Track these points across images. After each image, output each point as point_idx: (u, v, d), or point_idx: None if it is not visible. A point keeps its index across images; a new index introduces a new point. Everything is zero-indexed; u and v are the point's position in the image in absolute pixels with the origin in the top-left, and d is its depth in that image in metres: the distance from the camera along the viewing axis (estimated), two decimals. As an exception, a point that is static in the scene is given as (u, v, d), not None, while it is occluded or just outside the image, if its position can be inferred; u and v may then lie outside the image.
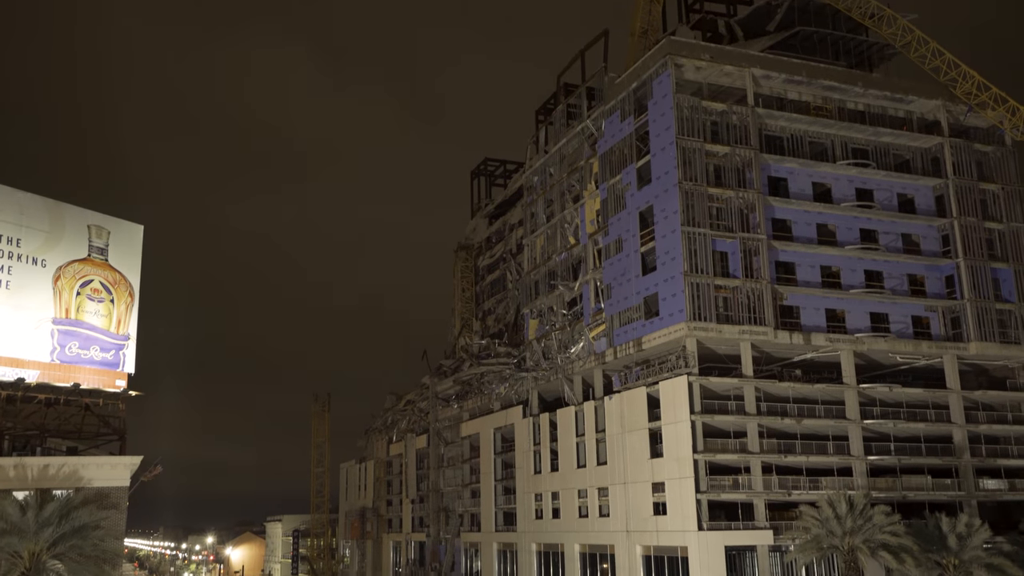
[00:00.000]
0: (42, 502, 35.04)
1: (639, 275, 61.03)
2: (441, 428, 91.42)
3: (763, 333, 56.77)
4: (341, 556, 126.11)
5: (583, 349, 67.10)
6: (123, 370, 44.95)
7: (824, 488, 54.32)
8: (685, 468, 53.30)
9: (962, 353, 61.55)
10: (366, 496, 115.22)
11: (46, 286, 42.71)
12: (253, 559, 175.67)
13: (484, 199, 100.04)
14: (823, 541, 45.99)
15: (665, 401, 56.02)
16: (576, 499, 65.09)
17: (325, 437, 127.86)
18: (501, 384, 79.70)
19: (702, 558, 51.05)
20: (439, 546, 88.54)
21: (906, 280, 62.56)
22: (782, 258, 59.77)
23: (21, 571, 33.70)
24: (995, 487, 60.61)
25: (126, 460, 40.51)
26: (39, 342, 42.25)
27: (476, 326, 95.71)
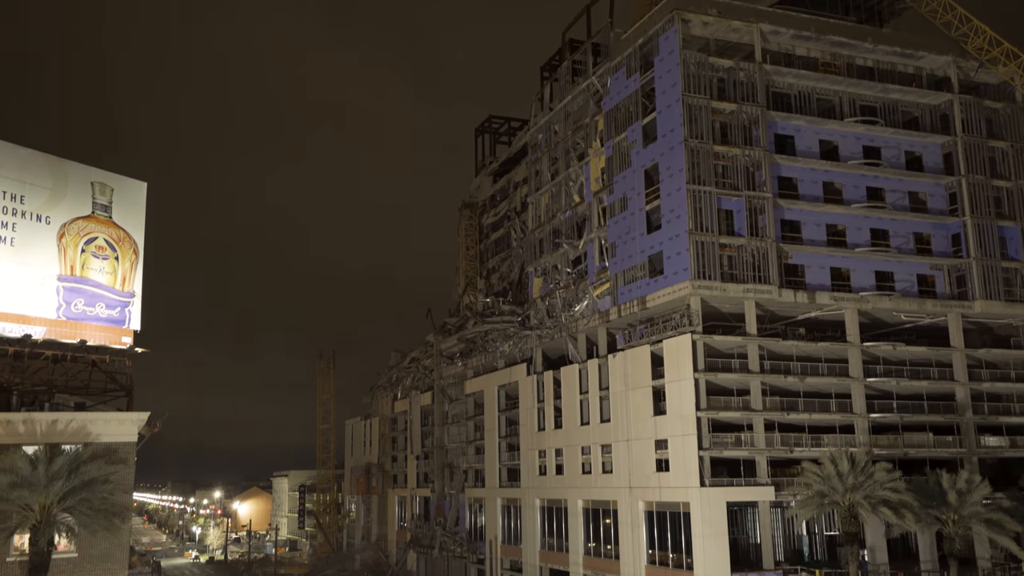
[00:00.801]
0: (51, 456, 35.42)
1: (644, 233, 60.86)
2: (445, 385, 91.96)
3: (767, 291, 56.77)
4: (347, 511, 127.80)
5: (587, 307, 67.20)
6: (129, 327, 45.09)
7: (826, 445, 54.75)
8: (688, 425, 53.67)
9: (967, 311, 61.55)
10: (371, 452, 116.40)
11: (50, 243, 42.71)
12: (260, 513, 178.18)
13: (488, 157, 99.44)
14: (824, 497, 46.44)
15: (669, 359, 56.22)
16: (579, 456, 65.67)
17: (330, 394, 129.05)
18: (505, 342, 79.97)
19: (704, 513, 51.62)
20: (444, 501, 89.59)
21: (912, 238, 62.34)
22: (787, 216, 59.53)
23: (33, 523, 34.20)
24: (996, 444, 61.03)
25: (133, 416, 40.83)
26: (45, 299, 42.36)
27: (480, 284, 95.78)
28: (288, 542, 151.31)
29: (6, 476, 34.03)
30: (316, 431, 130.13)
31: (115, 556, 38.75)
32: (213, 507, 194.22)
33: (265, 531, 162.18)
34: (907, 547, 57.66)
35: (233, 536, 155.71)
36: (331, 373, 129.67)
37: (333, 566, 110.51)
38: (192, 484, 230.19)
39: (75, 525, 35.11)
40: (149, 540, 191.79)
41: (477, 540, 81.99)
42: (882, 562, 53.90)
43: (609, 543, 61.23)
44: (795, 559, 55.73)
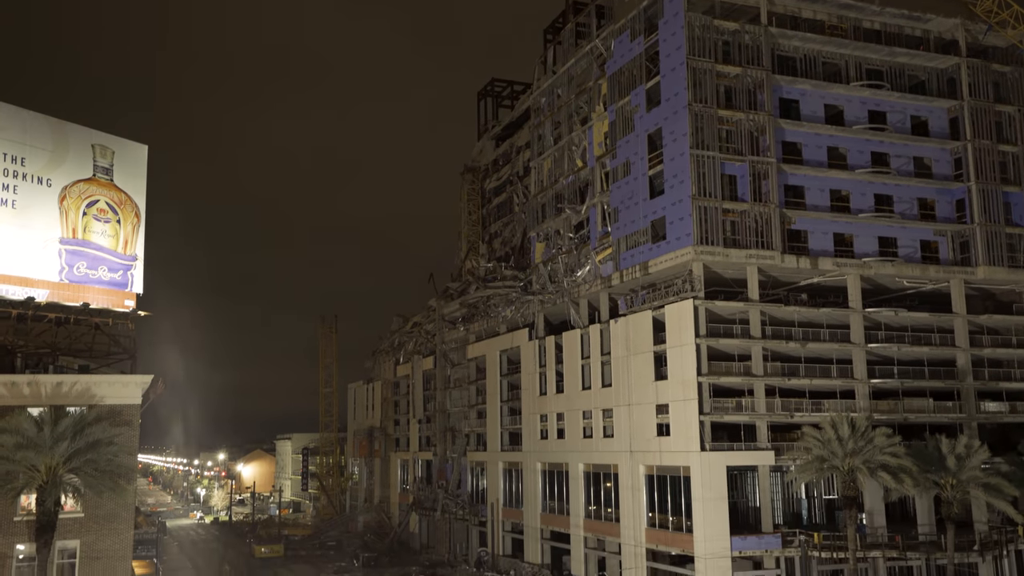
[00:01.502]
0: (56, 418, 35.66)
1: (647, 198, 60.66)
2: (447, 350, 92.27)
3: (770, 257, 56.72)
4: (350, 473, 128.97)
5: (589, 272, 67.19)
6: (131, 290, 45.15)
7: (826, 410, 54.98)
8: (689, 390, 53.90)
9: (969, 277, 61.51)
10: (374, 416, 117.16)
11: (52, 206, 42.61)
12: (264, 476, 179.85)
13: (491, 120, 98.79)
14: (824, 462, 46.77)
15: (670, 324, 56.32)
16: (581, 420, 66.07)
17: (332, 358, 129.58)
18: (507, 307, 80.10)
19: (704, 477, 52.04)
20: (446, 465, 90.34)
21: (916, 204, 62.12)
22: (791, 182, 59.28)
23: (39, 484, 34.55)
24: (996, 409, 61.29)
25: (137, 379, 41.03)
26: (47, 262, 42.37)
27: (482, 249, 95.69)
28: (292, 504, 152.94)
29: (11, 437, 34.31)
30: (319, 395, 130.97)
31: (121, 516, 39.19)
32: (217, 469, 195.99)
33: (269, 493, 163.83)
34: (905, 511, 58.19)
35: (237, 498, 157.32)
36: (333, 337, 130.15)
37: (336, 527, 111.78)
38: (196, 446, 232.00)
39: (81, 486, 35.45)
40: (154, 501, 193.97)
41: (479, 503, 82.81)
42: (880, 525, 54.42)
43: (610, 506, 61.83)
44: (794, 522, 56.28)
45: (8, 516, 37.22)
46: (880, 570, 52.96)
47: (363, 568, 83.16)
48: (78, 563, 38.03)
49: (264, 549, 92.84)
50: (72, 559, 37.99)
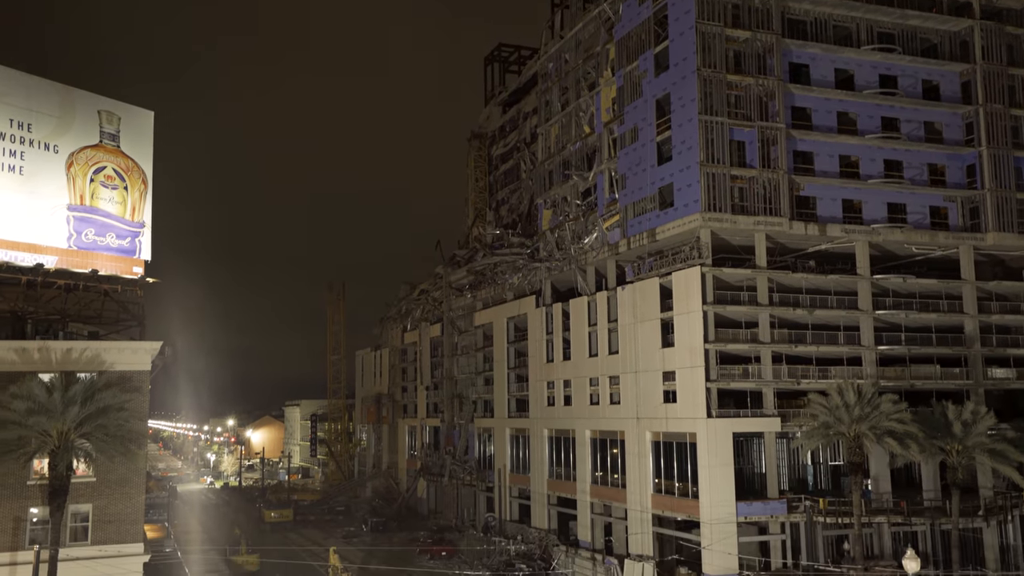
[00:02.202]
0: (67, 384, 35.93)
1: (654, 165, 60.31)
2: (455, 317, 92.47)
3: (778, 224, 56.46)
4: (358, 439, 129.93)
5: (597, 240, 67.03)
6: (139, 257, 45.23)
7: (833, 377, 55.10)
8: (696, 357, 53.98)
9: (979, 244, 61.19)
10: (381, 383, 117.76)
11: (59, 172, 42.58)
12: (273, 441, 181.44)
13: (498, 86, 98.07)
14: (830, 428, 46.86)
15: (678, 291, 56.27)
16: (588, 387, 66.30)
17: (340, 325, 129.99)
18: (514, 274, 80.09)
19: (710, 444, 52.28)
20: (453, 431, 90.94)
21: (926, 170, 61.63)
22: (800, 147, 58.81)
23: (51, 448, 34.92)
24: (1003, 376, 61.30)
25: (146, 345, 41.27)
26: (55, 228, 42.43)
27: (490, 216, 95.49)
28: (300, 469, 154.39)
29: (23, 403, 34.60)
30: (327, 362, 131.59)
31: (132, 481, 39.63)
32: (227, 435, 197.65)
33: (278, 459, 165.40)
34: (910, 476, 58.44)
35: (247, 463, 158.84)
36: (341, 304, 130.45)
37: (345, 493, 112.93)
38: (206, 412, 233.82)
39: (92, 451, 35.81)
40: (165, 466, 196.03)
41: (486, 468, 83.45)
42: (885, 491, 54.73)
43: (616, 472, 62.24)
44: (799, 488, 56.59)
45: (22, 480, 37.67)
46: (885, 535, 53.34)
47: (371, 533, 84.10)
48: (91, 526, 38.56)
49: (274, 514, 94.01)
50: (85, 522, 38.51)
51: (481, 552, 67.87)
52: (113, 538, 38.71)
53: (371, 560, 69.13)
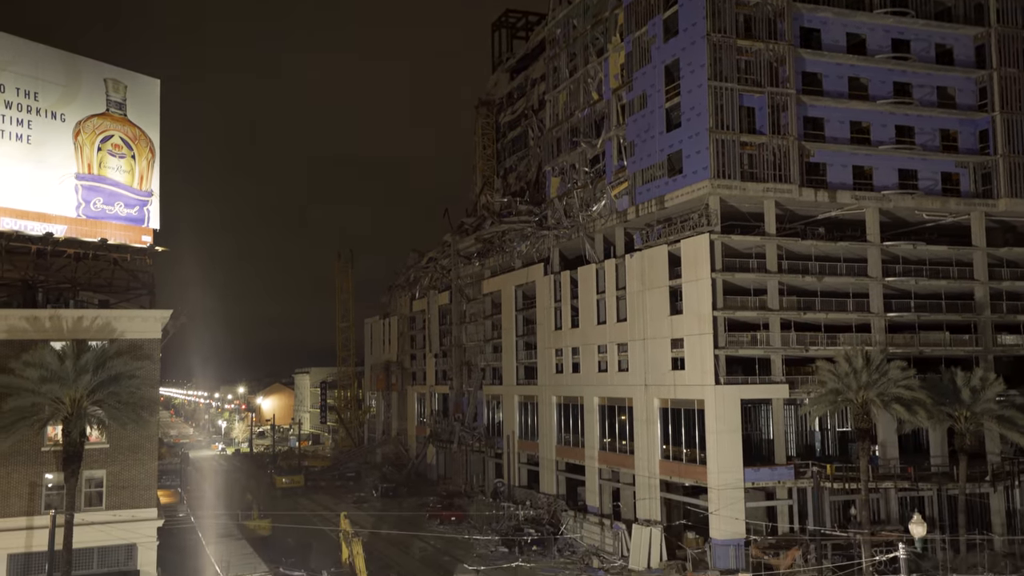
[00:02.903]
0: (78, 352, 36.21)
1: (663, 132, 59.91)
2: (463, 285, 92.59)
3: (788, 191, 56.16)
4: (367, 407, 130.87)
5: (605, 207, 66.83)
6: (148, 226, 45.36)
7: (842, 344, 55.05)
8: (704, 324, 54.01)
9: (990, 210, 60.79)
10: (390, 350, 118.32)
11: (66, 141, 42.58)
12: (283, 409, 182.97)
13: (505, 53, 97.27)
14: (838, 394, 46.92)
15: (686, 259, 56.17)
16: (596, 354, 66.47)
17: (349, 293, 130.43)
18: (522, 242, 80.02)
19: (718, 410, 52.49)
20: (462, 398, 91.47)
21: (938, 135, 61.10)
22: (811, 113, 58.32)
23: (64, 416, 35.29)
24: (1013, 342, 61.22)
25: (157, 313, 41.50)
26: (64, 197, 42.54)
27: (497, 184, 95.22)
28: (311, 436, 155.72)
29: (36, 371, 34.91)
30: (336, 329, 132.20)
31: (145, 447, 40.08)
32: (237, 402, 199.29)
33: (288, 425, 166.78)
34: (918, 442, 58.61)
35: (258, 430, 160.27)
36: (349, 272, 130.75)
37: (355, 459, 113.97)
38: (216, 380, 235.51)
39: (105, 418, 36.15)
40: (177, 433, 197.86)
41: (495, 435, 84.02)
42: (892, 457, 54.95)
43: (624, 439, 62.60)
44: (807, 454, 56.85)
45: (36, 447, 38.15)
46: (891, 501, 53.64)
47: (381, 498, 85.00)
48: (105, 491, 39.08)
49: (285, 480, 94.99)
50: (99, 488, 39.03)
51: (490, 517, 68.58)
52: (127, 503, 39.24)
53: (382, 525, 69.93)
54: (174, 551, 46.49)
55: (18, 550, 37.31)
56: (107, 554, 38.52)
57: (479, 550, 59.61)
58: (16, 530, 37.37)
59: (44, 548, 35.84)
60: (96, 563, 38.24)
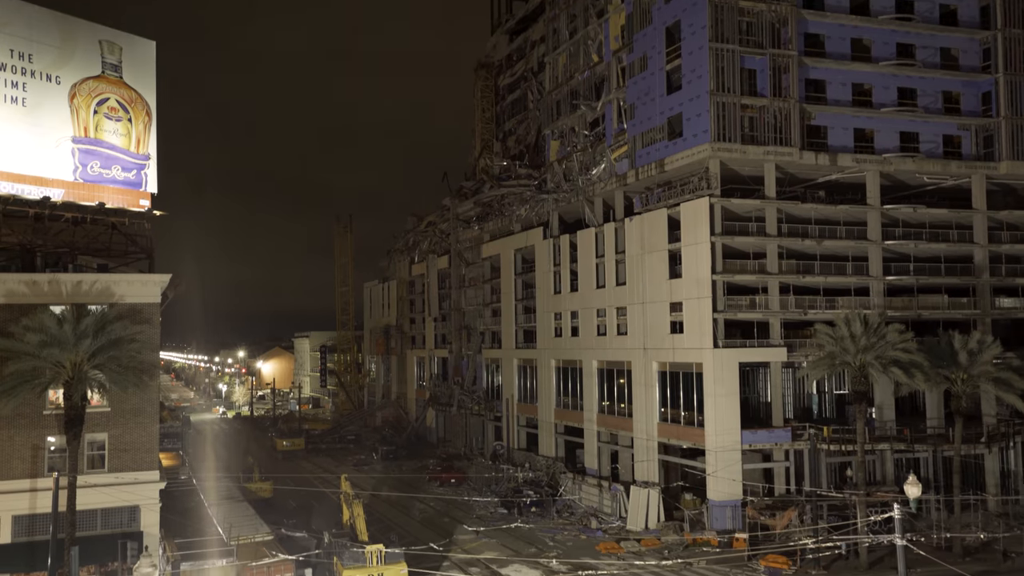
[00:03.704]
0: (78, 316, 36.21)
1: (663, 94, 59.46)
2: (462, 249, 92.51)
3: (788, 154, 55.90)
4: (367, 370, 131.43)
5: (604, 171, 66.54)
6: (146, 190, 45.07)
7: (840, 308, 55.23)
8: (703, 288, 54.07)
9: (992, 173, 60.58)
10: (390, 314, 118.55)
11: (62, 104, 42.18)
12: (283, 372, 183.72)
13: (505, 14, 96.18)
14: (836, 358, 47.11)
15: (686, 222, 56.06)
16: (595, 318, 66.62)
17: (348, 257, 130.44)
18: (522, 206, 79.80)
19: (716, 373, 52.73)
20: (461, 362, 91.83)
21: (941, 97, 60.70)
22: (812, 75, 57.86)
23: (65, 379, 35.40)
24: (1011, 305, 61.39)
25: (156, 278, 41.44)
26: (60, 161, 42.25)
27: (497, 147, 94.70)
28: (311, 400, 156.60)
29: (36, 335, 34.93)
30: (335, 293, 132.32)
31: (146, 411, 40.27)
32: (237, 366, 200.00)
33: (288, 389, 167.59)
34: (914, 405, 59.01)
35: (258, 394, 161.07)
36: (349, 236, 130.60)
37: (355, 422, 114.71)
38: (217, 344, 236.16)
39: (106, 381, 36.25)
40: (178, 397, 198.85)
41: (494, 398, 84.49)
42: (889, 419, 55.34)
43: (623, 402, 62.97)
44: (804, 417, 57.27)
45: (38, 410, 38.33)
46: (887, 462, 54.11)
47: (382, 461, 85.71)
48: (107, 454, 39.34)
49: (286, 443, 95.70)
50: (101, 451, 39.28)
51: (489, 479, 69.20)
52: (129, 466, 39.53)
53: (382, 487, 70.58)
54: (176, 513, 46.96)
55: (22, 512, 37.67)
56: (110, 515, 38.90)
57: (478, 511, 60.24)
58: (20, 492, 37.69)
59: (48, 510, 36.18)
60: (100, 524, 38.63)
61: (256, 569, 38.07)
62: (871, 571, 44.14)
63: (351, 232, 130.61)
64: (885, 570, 43.80)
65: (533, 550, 49.89)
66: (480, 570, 45.41)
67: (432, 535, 52.95)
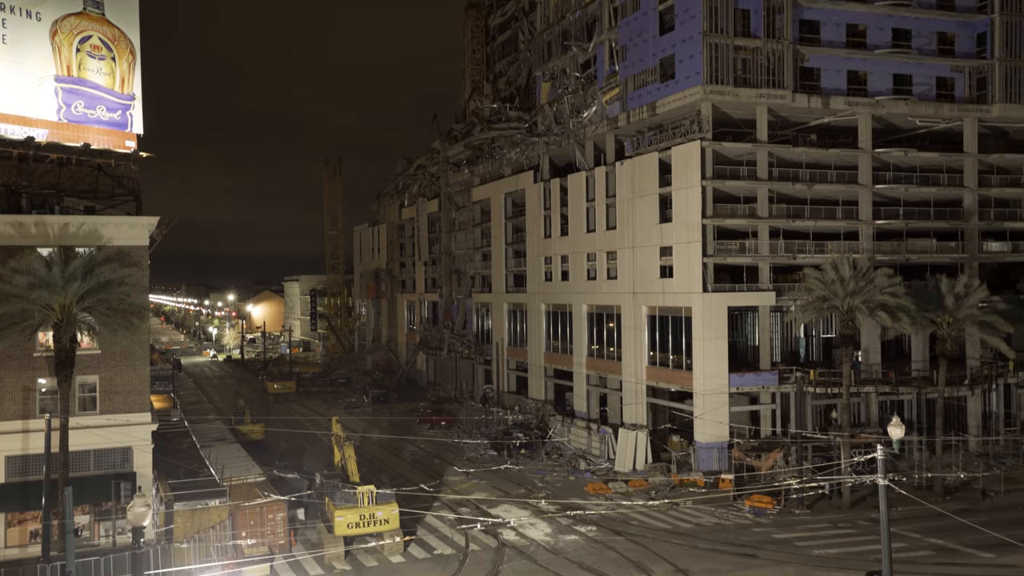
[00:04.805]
0: (66, 259, 35.97)
1: (656, 35, 58.65)
2: (452, 193, 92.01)
3: (781, 96, 55.45)
4: (357, 314, 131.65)
5: (596, 113, 65.92)
6: (131, 131, 44.43)
7: (829, 252, 55.38)
8: (693, 233, 54.06)
9: (984, 115, 60.34)
10: (380, 258, 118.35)
11: (44, 41, 41.28)
12: (273, 316, 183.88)
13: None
14: (824, 302, 47.39)
15: (677, 166, 55.79)
16: (585, 262, 66.66)
17: (337, 200, 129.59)
18: (512, 149, 79.18)
19: (705, 317, 53.03)
20: (452, 306, 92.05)
21: (935, 39, 60.12)
22: (807, 16, 57.15)
23: (54, 322, 35.30)
24: (998, 249, 61.76)
25: (144, 220, 41.10)
26: (44, 100, 41.52)
27: (487, 89, 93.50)
28: (301, 343, 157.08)
29: (24, 277, 34.72)
30: (324, 237, 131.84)
31: (136, 353, 40.31)
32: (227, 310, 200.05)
33: (279, 332, 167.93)
34: (900, 348, 59.64)
35: (248, 337, 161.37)
36: (338, 179, 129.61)
37: (346, 366, 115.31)
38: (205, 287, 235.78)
39: (95, 324, 36.17)
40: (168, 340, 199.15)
41: (484, 342, 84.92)
42: (875, 362, 55.97)
43: (612, 346, 63.38)
44: (791, 360, 57.83)
45: (28, 352, 38.33)
46: (872, 404, 54.87)
47: (372, 404, 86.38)
48: (99, 396, 39.49)
49: (277, 386, 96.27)
50: (92, 393, 39.42)
51: (479, 422, 69.93)
52: (121, 408, 39.71)
53: (372, 429, 71.28)
54: (169, 454, 47.35)
55: (15, 452, 37.92)
56: (103, 456, 39.20)
57: (469, 453, 60.98)
58: (12, 433, 37.90)
59: (41, 450, 36.44)
60: (93, 465, 38.96)
61: (249, 509, 38.57)
62: (853, 510, 45.06)
63: (340, 175, 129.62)
64: (867, 509, 44.73)
65: (522, 491, 50.65)
66: (470, 510, 46.14)
67: (423, 476, 53.65)
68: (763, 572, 35.49)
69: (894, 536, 34.96)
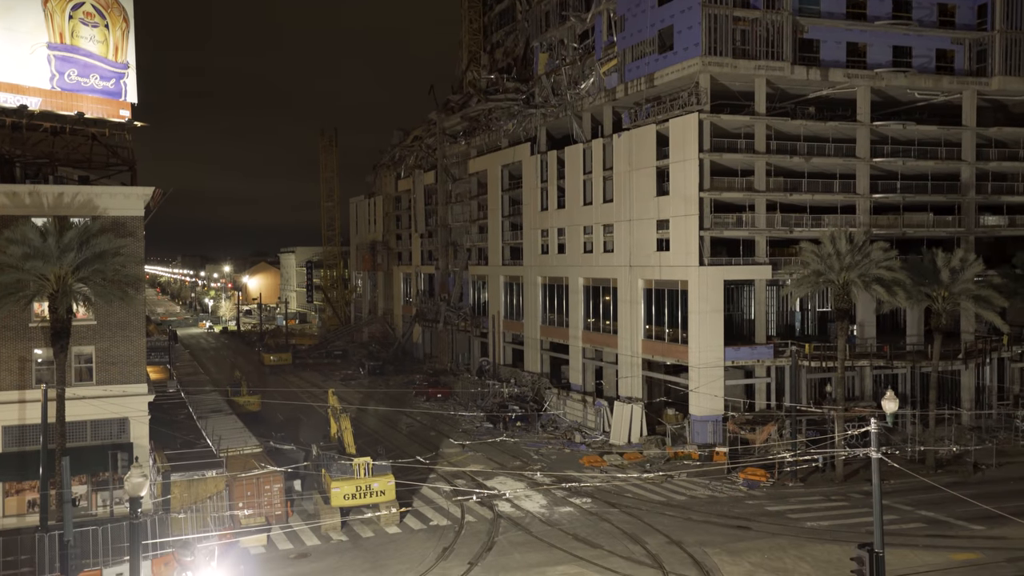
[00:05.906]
0: (61, 229, 35.81)
1: (655, 5, 58.12)
2: (449, 164, 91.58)
3: (779, 68, 55.10)
4: (354, 286, 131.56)
5: (593, 85, 65.48)
6: (125, 99, 44.03)
7: (826, 225, 55.34)
8: (690, 206, 53.93)
9: (983, 89, 60.07)
10: (376, 230, 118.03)
11: (35, 8, 40.74)
12: (269, 288, 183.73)
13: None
14: (820, 275, 47.40)
15: (674, 139, 55.54)
16: (581, 235, 66.55)
17: (333, 172, 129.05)
18: (509, 120, 78.72)
19: (701, 291, 53.06)
20: (448, 278, 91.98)
21: (936, 10, 59.72)
22: (807, -13, 56.63)
23: (50, 292, 35.20)
24: (995, 223, 61.73)
25: (139, 190, 40.86)
26: (37, 68, 41.09)
27: (484, 60, 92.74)
28: (298, 315, 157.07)
29: (19, 247, 34.58)
30: (320, 208, 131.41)
31: (132, 324, 40.27)
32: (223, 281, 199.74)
33: (275, 304, 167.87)
34: (895, 322, 59.81)
35: (245, 308, 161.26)
36: (334, 150, 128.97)
37: (342, 338, 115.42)
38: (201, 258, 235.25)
39: (91, 295, 36.10)
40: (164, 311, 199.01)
41: (480, 315, 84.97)
42: (870, 336, 56.14)
43: (608, 319, 63.45)
44: (786, 334, 57.97)
45: (24, 322, 38.28)
46: (867, 378, 55.10)
47: (368, 375, 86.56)
48: (95, 367, 39.50)
49: (273, 357, 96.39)
50: (89, 364, 39.42)
51: (475, 394, 70.15)
52: (117, 379, 39.74)
53: (368, 401, 71.50)
54: (165, 425, 47.49)
55: (12, 422, 37.98)
56: (100, 427, 39.28)
57: (464, 426, 61.22)
58: (9, 403, 37.94)
59: (38, 421, 36.50)
60: (89, 435, 39.05)
61: (246, 480, 38.74)
62: (846, 483, 45.41)
63: (336, 146, 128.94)
64: (860, 482, 45.06)
65: (518, 463, 50.92)
66: (466, 482, 46.40)
67: (419, 448, 53.90)
68: (756, 544, 35.80)
69: (886, 508, 35.26)
